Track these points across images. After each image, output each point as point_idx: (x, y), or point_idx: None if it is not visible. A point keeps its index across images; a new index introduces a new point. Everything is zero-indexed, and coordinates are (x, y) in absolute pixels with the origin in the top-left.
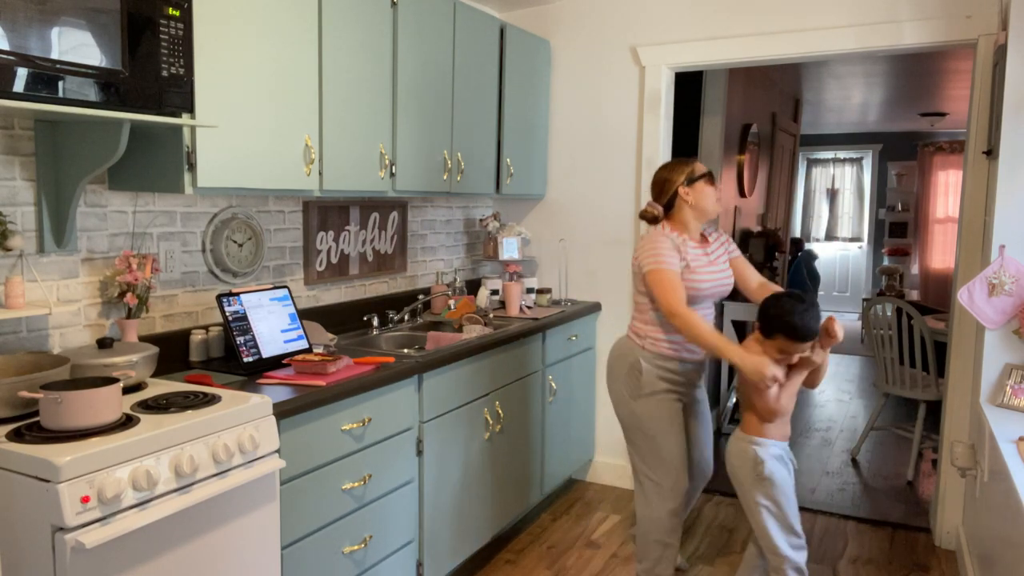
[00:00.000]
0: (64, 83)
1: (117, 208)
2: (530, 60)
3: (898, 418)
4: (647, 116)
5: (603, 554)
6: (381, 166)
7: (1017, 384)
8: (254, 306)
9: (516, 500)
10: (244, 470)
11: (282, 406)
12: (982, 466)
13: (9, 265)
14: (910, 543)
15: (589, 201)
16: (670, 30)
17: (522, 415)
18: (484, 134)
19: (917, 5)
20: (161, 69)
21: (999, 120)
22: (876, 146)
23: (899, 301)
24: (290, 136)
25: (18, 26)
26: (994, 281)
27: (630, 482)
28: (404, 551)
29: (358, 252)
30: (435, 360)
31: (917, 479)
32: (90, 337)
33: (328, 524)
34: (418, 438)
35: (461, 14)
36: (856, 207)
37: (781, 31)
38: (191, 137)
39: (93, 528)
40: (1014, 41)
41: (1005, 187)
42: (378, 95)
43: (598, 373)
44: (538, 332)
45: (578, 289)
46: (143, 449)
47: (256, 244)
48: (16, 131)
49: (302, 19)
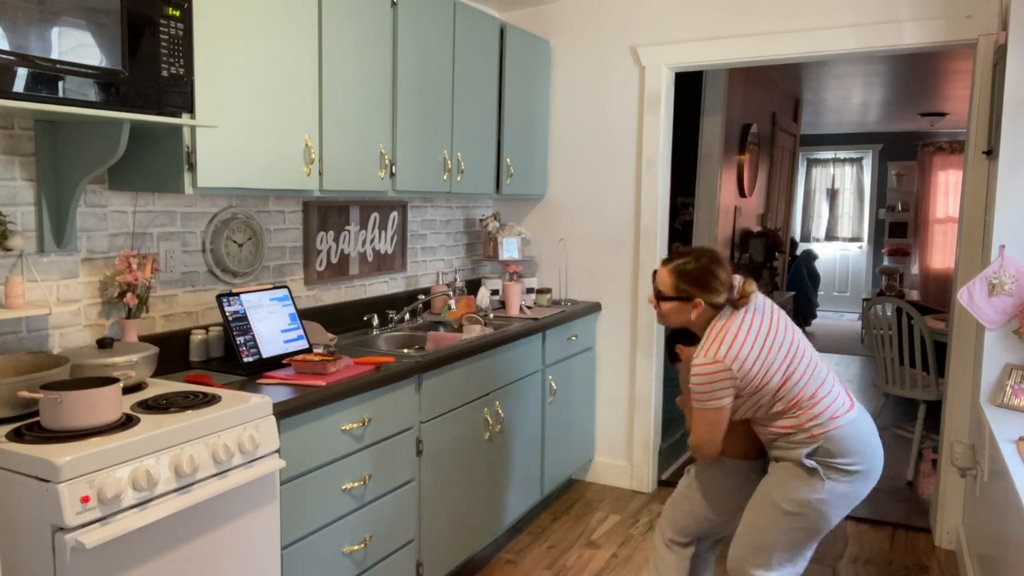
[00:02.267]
0: (64, 83)
1: (117, 208)
2: (530, 60)
3: (898, 418)
4: (647, 116)
5: (603, 554)
6: (381, 166)
7: (1017, 384)
8: (254, 306)
9: (516, 500)
10: (244, 470)
11: (282, 406)
12: (982, 466)
13: (9, 265)
14: (910, 543)
15: (589, 201)
16: (670, 30)
17: (522, 415)
18: (484, 134)
19: (917, 5)
20: (161, 69)
21: (999, 120)
22: (876, 146)
23: (899, 301)
24: (290, 136)
25: (18, 26)
26: (994, 281)
27: (630, 482)
28: (404, 551)
29: (358, 252)
30: (435, 360)
31: (917, 479)
32: (90, 337)
33: (328, 524)
34: (418, 438)
35: (461, 14)
36: (856, 207)
37: (781, 31)
38: (191, 137)
39: (93, 528)
40: (1014, 41)
41: (1005, 187)
42: (378, 95)
43: (598, 373)
44: (538, 332)
45: (578, 289)
46: (143, 449)
47: (256, 244)
48: (16, 131)
49: (302, 19)
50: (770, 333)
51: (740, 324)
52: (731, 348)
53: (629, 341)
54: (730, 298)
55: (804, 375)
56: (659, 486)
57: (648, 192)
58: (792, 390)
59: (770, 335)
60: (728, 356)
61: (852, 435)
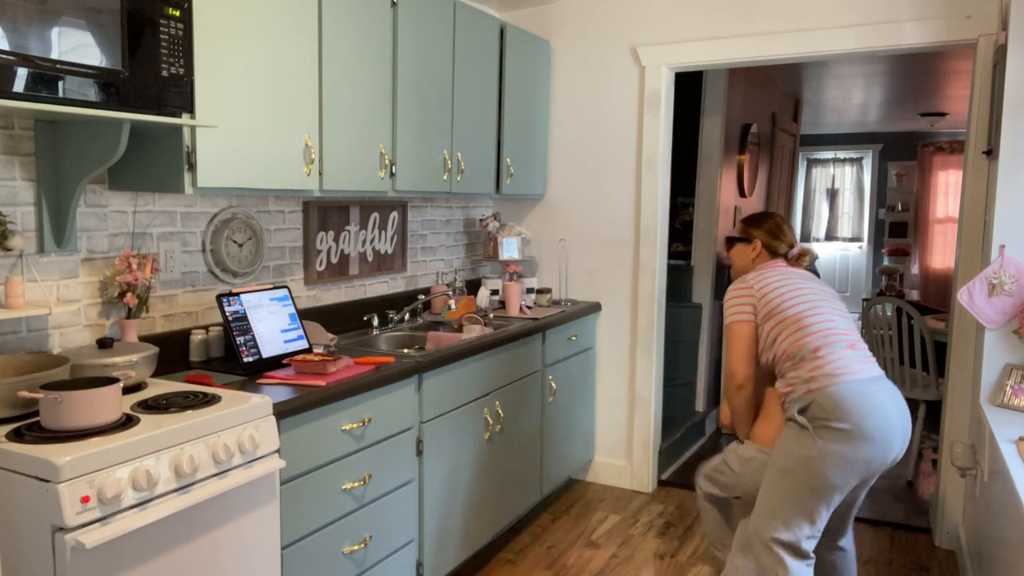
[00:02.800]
0: (64, 83)
1: (117, 208)
2: (530, 60)
3: None
4: (647, 116)
5: (603, 554)
6: (381, 166)
7: (1017, 384)
8: (254, 306)
9: (516, 500)
10: (244, 470)
11: (282, 406)
12: (982, 466)
13: (9, 265)
14: (910, 543)
15: (589, 201)
16: (670, 30)
17: (522, 415)
18: (484, 134)
19: (917, 5)
20: (161, 69)
21: (999, 120)
22: (876, 146)
23: (899, 301)
24: (290, 136)
25: (18, 26)
26: (994, 281)
27: (630, 482)
28: (404, 551)
29: (358, 252)
30: (435, 360)
31: (917, 479)
32: (90, 337)
33: (328, 524)
34: (418, 438)
35: (461, 14)
36: (856, 207)
37: (781, 31)
38: (191, 137)
39: (93, 528)
40: (1014, 41)
41: (1005, 187)
42: (378, 95)
43: (598, 373)
44: (538, 332)
45: (578, 289)
46: (143, 449)
47: (256, 244)
48: (16, 131)
49: (302, 19)
50: (802, 286)
51: (777, 269)
52: (759, 279)
53: (629, 341)
54: (789, 254)
55: (817, 326)
56: (659, 486)
57: (648, 192)
58: (803, 331)
59: (801, 287)
60: (753, 281)
61: (849, 395)
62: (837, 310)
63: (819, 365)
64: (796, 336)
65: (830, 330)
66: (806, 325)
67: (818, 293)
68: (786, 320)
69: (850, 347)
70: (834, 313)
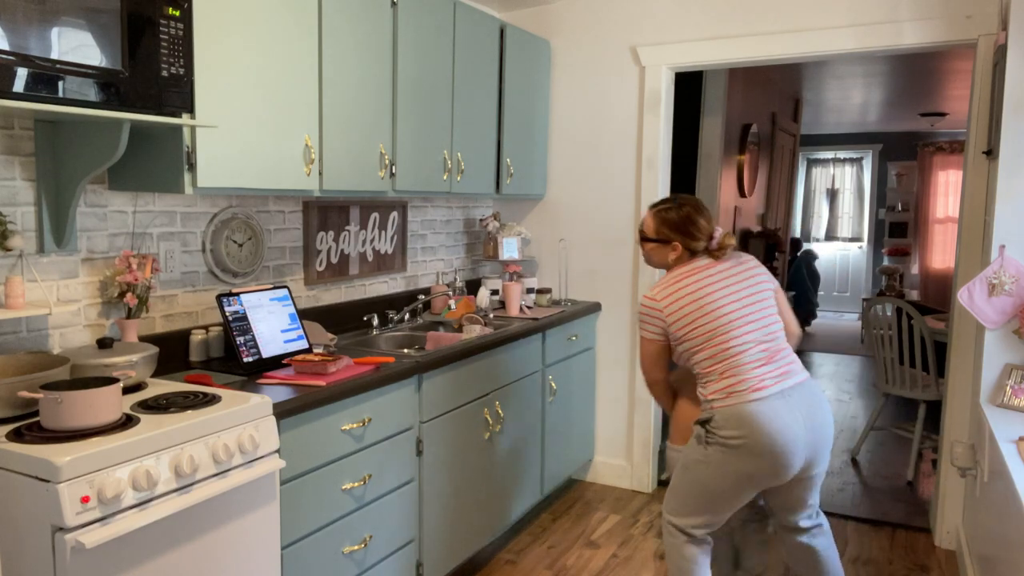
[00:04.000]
0: (64, 83)
1: (117, 208)
2: (530, 60)
3: (898, 418)
4: (647, 116)
5: (603, 554)
6: (381, 166)
7: (1017, 384)
8: (254, 306)
9: (516, 500)
10: (244, 470)
11: (282, 406)
12: (982, 466)
13: (9, 265)
14: (910, 543)
15: (589, 201)
16: (670, 30)
17: (522, 415)
18: (484, 134)
19: (917, 5)
20: (161, 69)
21: (999, 120)
22: (876, 146)
23: (899, 301)
24: (290, 136)
25: (18, 26)
26: (994, 281)
27: (630, 482)
28: (404, 551)
29: (358, 252)
30: (435, 360)
31: (917, 479)
32: (90, 337)
33: (328, 524)
34: (418, 438)
35: (461, 14)
36: (856, 207)
37: (781, 31)
38: (191, 137)
39: (93, 528)
40: (1014, 41)
41: (1005, 187)
42: (378, 95)
43: (598, 373)
44: (538, 332)
45: (578, 289)
46: (143, 449)
47: (256, 244)
48: (16, 131)
49: (302, 19)
50: (716, 297)
51: (694, 274)
52: (670, 296)
53: (629, 341)
54: (708, 247)
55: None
56: (659, 486)
57: (648, 192)
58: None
59: (715, 300)
60: (664, 301)
61: (746, 413)
62: (756, 313)
63: (724, 386)
64: (706, 357)
65: (742, 348)
66: (716, 344)
67: (734, 301)
68: (696, 341)
69: (762, 363)
70: (751, 322)
